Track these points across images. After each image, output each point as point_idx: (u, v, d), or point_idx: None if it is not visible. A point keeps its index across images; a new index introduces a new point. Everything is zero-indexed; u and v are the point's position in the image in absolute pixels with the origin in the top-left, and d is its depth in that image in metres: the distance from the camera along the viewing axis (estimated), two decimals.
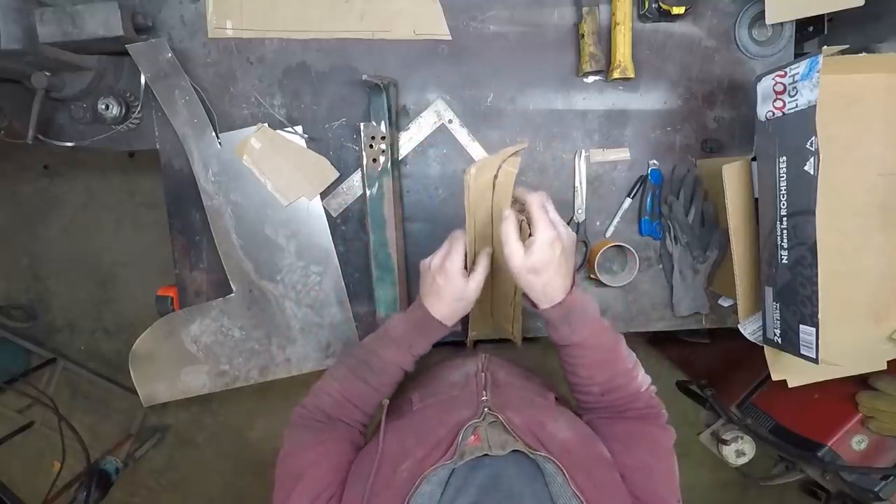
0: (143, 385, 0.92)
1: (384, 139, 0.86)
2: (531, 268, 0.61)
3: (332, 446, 0.62)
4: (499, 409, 0.59)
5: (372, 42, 0.89)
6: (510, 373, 0.78)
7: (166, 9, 0.87)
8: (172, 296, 0.94)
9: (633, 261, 0.93)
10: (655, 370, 2.04)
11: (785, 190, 0.72)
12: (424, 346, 0.71)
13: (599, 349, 0.66)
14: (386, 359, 0.69)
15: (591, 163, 0.95)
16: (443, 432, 0.56)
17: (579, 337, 0.65)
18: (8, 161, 1.99)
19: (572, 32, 0.92)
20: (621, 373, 0.68)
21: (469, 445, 0.54)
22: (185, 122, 0.86)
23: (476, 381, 0.70)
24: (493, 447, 0.53)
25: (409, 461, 0.53)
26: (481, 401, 0.63)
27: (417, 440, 0.56)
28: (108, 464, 1.79)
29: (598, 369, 0.67)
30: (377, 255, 0.89)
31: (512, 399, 0.65)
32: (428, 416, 0.63)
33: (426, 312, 0.68)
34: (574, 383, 0.70)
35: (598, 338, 0.66)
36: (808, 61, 0.68)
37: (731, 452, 1.21)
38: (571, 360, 0.68)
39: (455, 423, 0.57)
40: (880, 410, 1.00)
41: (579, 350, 0.66)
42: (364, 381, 0.70)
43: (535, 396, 0.70)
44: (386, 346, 0.70)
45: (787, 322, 0.76)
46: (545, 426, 0.57)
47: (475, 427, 0.56)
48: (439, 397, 0.69)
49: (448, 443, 0.55)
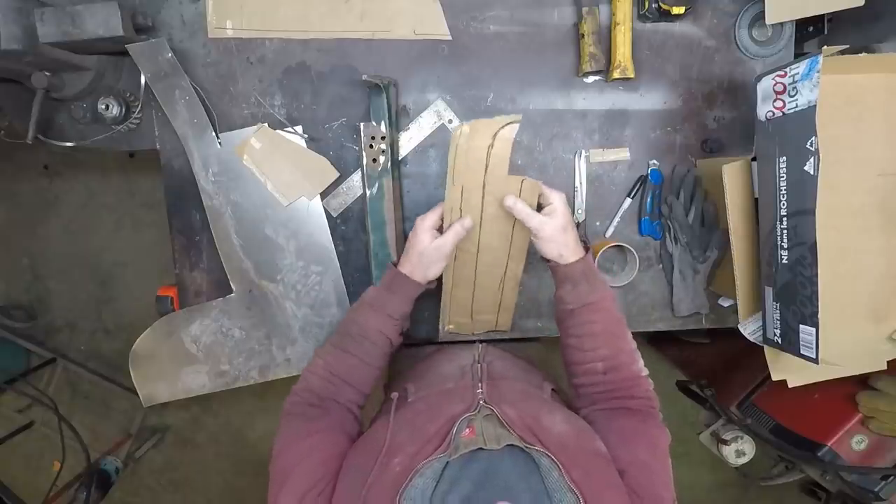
0: (143, 385, 0.92)
1: (384, 139, 0.86)
2: (562, 227, 0.69)
3: (322, 438, 0.62)
4: (494, 403, 0.59)
5: (372, 42, 0.89)
6: (507, 364, 0.78)
7: (166, 9, 0.87)
8: (172, 296, 0.94)
9: (633, 261, 0.93)
10: (655, 370, 2.04)
11: (785, 190, 0.72)
12: (399, 306, 0.73)
13: (611, 316, 0.70)
14: (363, 324, 0.72)
15: (591, 163, 0.95)
16: (437, 425, 0.56)
17: (596, 296, 0.69)
18: (8, 161, 1.99)
19: (572, 32, 0.92)
20: (625, 351, 0.70)
21: (463, 438, 0.53)
22: (185, 122, 0.86)
23: (472, 373, 0.70)
24: (487, 441, 0.52)
25: (401, 455, 0.53)
26: (476, 393, 0.62)
27: (411, 433, 0.56)
28: (108, 464, 1.79)
29: (604, 340, 0.69)
30: (377, 255, 0.89)
31: (507, 392, 0.65)
32: (422, 408, 0.63)
33: (395, 270, 0.74)
34: (577, 362, 0.71)
35: (611, 303, 0.71)
36: (808, 61, 0.68)
37: (731, 452, 1.21)
38: (581, 328, 0.70)
39: (449, 416, 0.57)
40: (880, 410, 1.00)
41: (592, 313, 0.69)
42: (347, 351, 0.71)
43: (531, 389, 0.70)
44: (362, 311, 0.73)
45: (787, 322, 0.76)
46: (540, 420, 0.57)
47: (470, 420, 0.56)
48: (434, 389, 0.69)
49: (442, 436, 0.55)
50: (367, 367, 0.72)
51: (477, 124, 0.72)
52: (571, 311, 0.71)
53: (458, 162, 0.73)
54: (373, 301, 0.74)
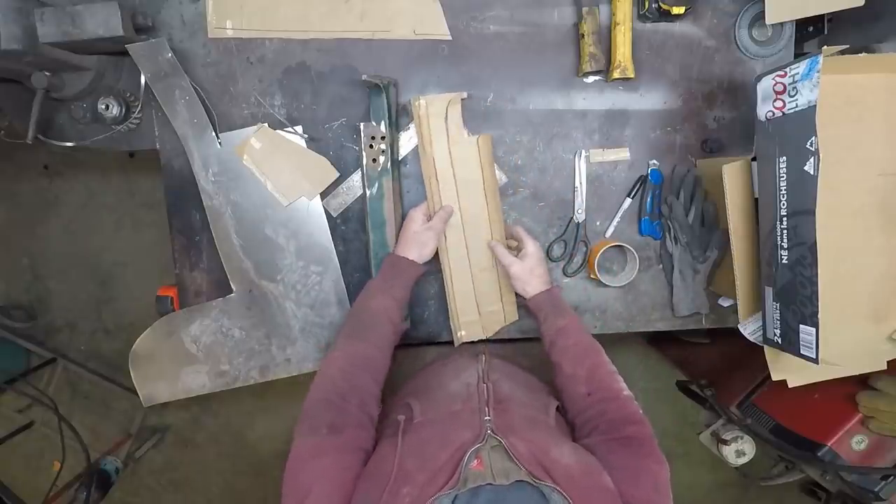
0: (143, 385, 0.92)
1: (384, 139, 0.86)
2: (530, 268, 0.84)
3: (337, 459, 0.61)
4: (501, 432, 0.58)
5: (372, 42, 0.89)
6: (513, 383, 0.78)
7: (166, 9, 0.87)
8: (172, 296, 0.94)
9: (633, 261, 0.93)
10: (655, 370, 2.05)
11: (785, 190, 0.72)
12: (401, 290, 0.81)
13: (581, 338, 0.79)
14: (373, 308, 0.78)
15: (591, 163, 0.95)
16: (446, 454, 0.56)
17: (564, 321, 0.80)
18: (8, 161, 1.99)
19: (572, 32, 0.92)
20: (602, 370, 0.74)
21: (472, 471, 0.53)
22: (185, 122, 0.86)
23: (478, 394, 0.69)
24: (496, 476, 0.52)
25: (410, 485, 0.53)
26: (484, 421, 0.62)
27: (419, 462, 0.56)
28: (108, 464, 1.79)
29: (580, 360, 0.76)
30: (377, 255, 0.89)
31: (515, 419, 0.64)
32: (429, 435, 0.62)
33: (394, 255, 0.83)
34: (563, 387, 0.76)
35: (581, 327, 0.81)
36: (808, 61, 0.68)
37: (731, 452, 1.21)
38: (560, 354, 0.77)
39: (457, 445, 0.56)
40: (880, 410, 1.00)
41: (566, 338, 0.78)
42: (362, 339, 0.75)
43: (537, 414, 0.70)
44: (371, 296, 0.80)
45: (787, 322, 0.76)
46: (549, 452, 0.57)
47: (478, 451, 0.56)
48: (440, 412, 0.68)
49: (451, 469, 0.54)
50: (381, 353, 0.75)
51: (430, 97, 0.88)
52: (551, 342, 0.79)
53: (422, 129, 0.88)
54: (380, 286, 0.81)
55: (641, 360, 1.99)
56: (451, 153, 0.89)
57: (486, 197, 0.91)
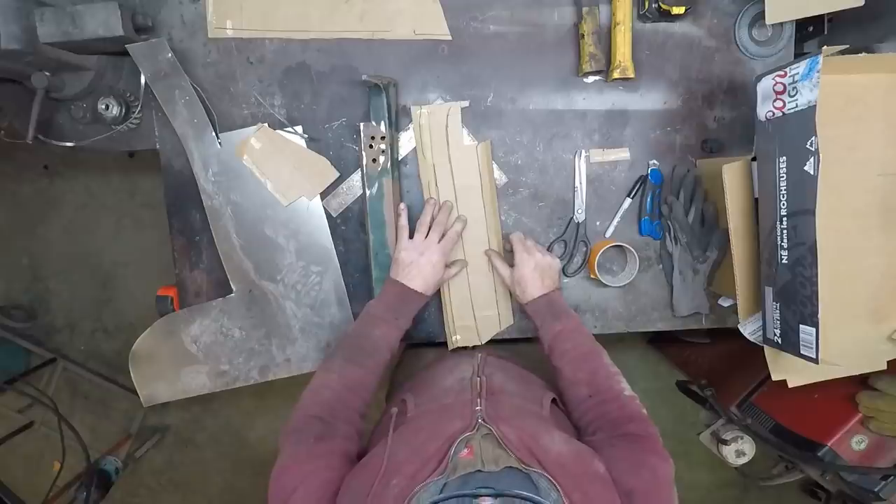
0: (143, 385, 0.92)
1: (384, 139, 0.86)
2: (517, 280, 0.84)
3: (324, 462, 0.61)
4: (492, 421, 0.58)
5: (372, 42, 0.89)
6: (507, 376, 0.78)
7: (166, 9, 0.87)
8: (172, 296, 0.94)
9: (633, 261, 0.93)
10: (655, 370, 2.05)
11: (785, 190, 0.72)
12: (407, 320, 0.81)
13: (581, 341, 0.78)
14: (376, 337, 0.77)
15: (591, 163, 0.95)
16: (435, 445, 0.56)
17: (561, 325, 0.79)
18: (8, 161, 1.99)
19: (572, 32, 0.92)
20: (603, 371, 0.74)
21: (462, 459, 0.53)
22: (185, 122, 0.86)
23: (471, 387, 0.70)
24: (486, 462, 0.52)
25: (399, 476, 0.53)
26: (475, 410, 0.62)
27: (409, 453, 0.56)
28: (108, 464, 1.79)
29: (580, 363, 0.75)
30: (377, 255, 0.89)
31: (505, 408, 0.64)
32: (420, 426, 0.63)
33: (404, 286, 0.80)
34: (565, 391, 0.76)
35: (580, 330, 0.80)
36: (808, 61, 0.68)
37: (731, 452, 1.21)
38: (560, 359, 0.76)
39: (447, 435, 0.57)
40: (880, 410, 1.00)
41: (565, 342, 0.77)
42: (360, 365, 0.74)
43: (530, 405, 0.70)
44: (374, 325, 0.79)
45: (787, 322, 0.76)
46: (539, 439, 0.57)
47: (468, 440, 0.56)
48: (433, 405, 0.69)
49: (440, 457, 0.54)
50: (375, 377, 0.76)
51: (431, 107, 0.90)
52: (550, 347, 0.79)
53: (423, 136, 0.89)
54: (384, 315, 0.79)
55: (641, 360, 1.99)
56: (450, 160, 0.90)
57: (485, 203, 0.92)
